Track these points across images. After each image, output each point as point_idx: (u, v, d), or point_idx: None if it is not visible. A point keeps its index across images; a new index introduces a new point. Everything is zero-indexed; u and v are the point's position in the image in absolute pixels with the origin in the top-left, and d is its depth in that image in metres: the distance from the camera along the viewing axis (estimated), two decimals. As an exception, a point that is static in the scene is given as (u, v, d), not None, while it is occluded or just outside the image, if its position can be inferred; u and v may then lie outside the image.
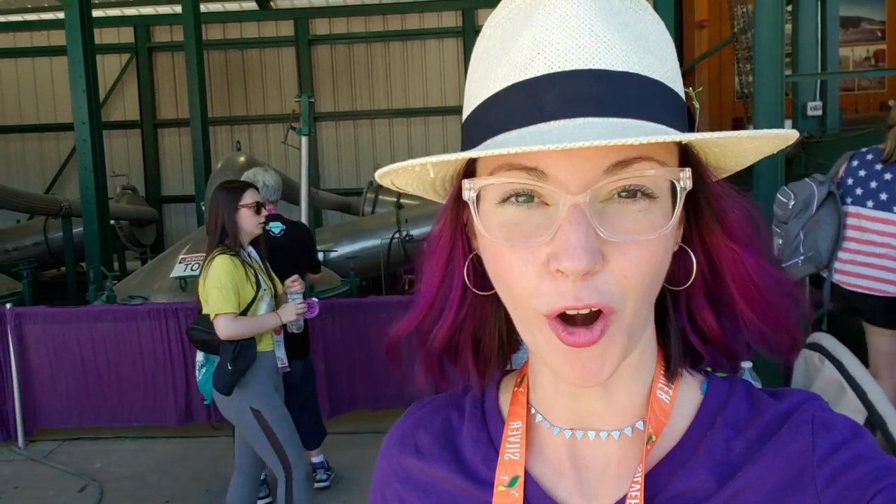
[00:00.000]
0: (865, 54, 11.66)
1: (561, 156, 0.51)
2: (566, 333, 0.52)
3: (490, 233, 0.54)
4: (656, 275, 0.54)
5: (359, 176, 12.99)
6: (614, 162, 0.51)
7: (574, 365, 0.53)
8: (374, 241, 8.00)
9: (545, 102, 0.51)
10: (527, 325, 0.56)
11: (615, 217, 0.52)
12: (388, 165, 0.57)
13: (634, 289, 0.53)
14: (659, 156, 0.53)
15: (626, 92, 0.51)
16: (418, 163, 0.55)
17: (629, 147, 0.50)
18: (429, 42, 13.37)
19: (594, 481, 0.61)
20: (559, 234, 0.50)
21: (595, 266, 0.50)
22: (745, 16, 9.14)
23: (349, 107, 13.48)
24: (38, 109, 13.65)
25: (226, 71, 13.54)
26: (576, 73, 0.50)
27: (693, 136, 0.50)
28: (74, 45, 6.72)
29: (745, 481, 0.56)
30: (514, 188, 0.53)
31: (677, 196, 0.53)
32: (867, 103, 11.17)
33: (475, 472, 0.65)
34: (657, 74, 0.53)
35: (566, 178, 0.51)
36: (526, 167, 0.52)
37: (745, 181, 4.64)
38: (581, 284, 0.50)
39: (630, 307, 0.53)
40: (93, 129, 6.80)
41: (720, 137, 0.51)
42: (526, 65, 0.52)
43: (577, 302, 0.51)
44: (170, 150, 13.70)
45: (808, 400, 0.61)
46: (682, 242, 0.60)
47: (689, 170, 0.53)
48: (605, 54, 0.51)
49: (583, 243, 0.49)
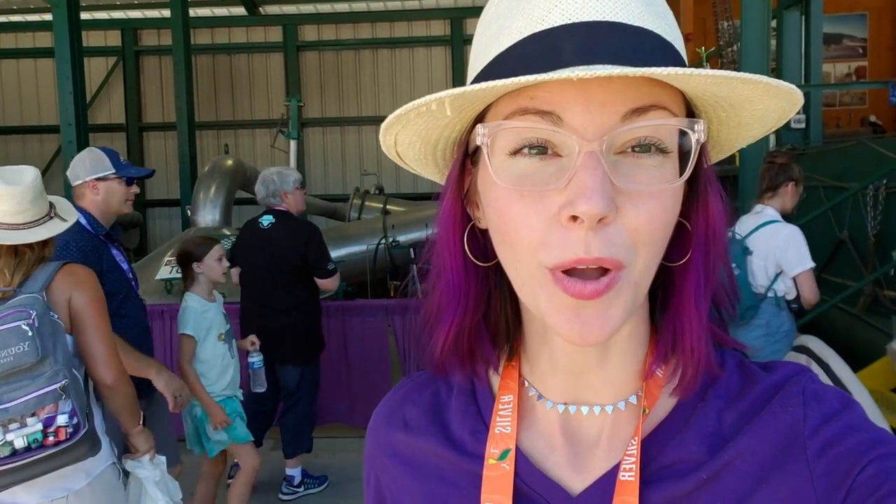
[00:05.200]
0: (847, 70, 11.85)
1: (577, 101, 0.50)
2: (570, 283, 0.51)
3: (502, 181, 0.53)
4: (664, 233, 0.54)
5: (345, 182, 12.96)
6: (630, 109, 0.51)
7: (574, 322, 0.52)
8: (360, 247, 7.97)
9: (563, 50, 0.50)
10: (529, 285, 0.55)
11: (629, 170, 0.52)
12: (394, 111, 0.54)
13: (644, 245, 0.52)
14: (672, 107, 0.53)
15: (642, 45, 0.51)
16: (435, 98, 0.52)
17: (644, 95, 0.51)
18: (417, 50, 13.40)
19: (585, 454, 0.61)
20: (574, 179, 0.50)
21: (609, 215, 0.49)
22: (730, 29, 9.26)
23: (337, 113, 13.46)
24: (22, 111, 13.51)
25: (213, 75, 13.49)
26: (593, 24, 0.50)
27: (710, 72, 0.49)
28: (62, 46, 6.68)
29: (736, 452, 0.57)
30: (528, 138, 0.52)
31: (690, 152, 0.53)
32: (848, 119, 11.35)
33: (462, 444, 0.65)
34: (669, 38, 0.54)
35: (582, 125, 0.51)
36: (541, 111, 0.51)
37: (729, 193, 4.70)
38: (592, 234, 0.50)
39: (639, 264, 0.53)
40: (79, 130, 6.75)
41: (740, 78, 0.50)
42: (543, 17, 0.52)
43: (586, 254, 0.50)
44: (155, 154, 13.60)
45: (798, 372, 0.61)
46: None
47: (703, 122, 0.53)
48: (622, 9, 0.51)
49: (599, 187, 0.49)
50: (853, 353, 4.00)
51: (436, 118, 0.56)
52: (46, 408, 1.89)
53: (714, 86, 0.52)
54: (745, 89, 0.52)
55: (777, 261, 3.53)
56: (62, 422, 1.90)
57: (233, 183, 7.58)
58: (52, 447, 1.89)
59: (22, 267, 2.08)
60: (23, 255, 2.09)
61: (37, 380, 1.89)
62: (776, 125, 0.58)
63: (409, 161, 0.64)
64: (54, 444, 1.89)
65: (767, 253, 3.54)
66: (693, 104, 0.57)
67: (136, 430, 2.27)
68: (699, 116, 0.57)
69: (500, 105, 0.54)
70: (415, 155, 0.63)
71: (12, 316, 1.90)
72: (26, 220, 2.10)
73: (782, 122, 0.57)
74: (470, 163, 0.61)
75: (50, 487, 2.01)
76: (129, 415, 2.24)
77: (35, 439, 1.88)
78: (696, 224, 0.59)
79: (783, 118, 0.57)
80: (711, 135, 0.60)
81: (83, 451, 1.96)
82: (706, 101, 0.56)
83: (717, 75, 0.49)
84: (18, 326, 1.88)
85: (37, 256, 2.13)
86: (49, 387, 1.90)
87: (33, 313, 1.92)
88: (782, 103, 0.54)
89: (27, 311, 1.92)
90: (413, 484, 0.66)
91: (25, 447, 1.86)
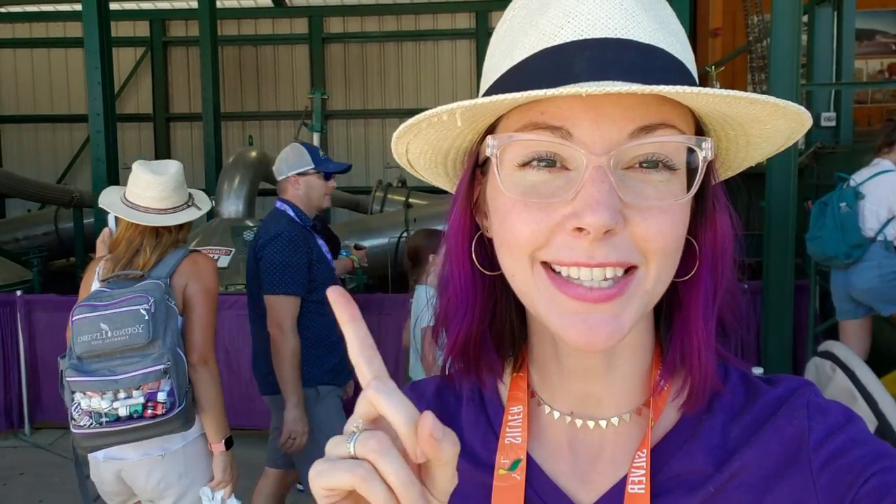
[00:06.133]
0: (879, 67, 11.61)
1: (587, 117, 0.51)
2: (570, 287, 0.52)
3: (509, 191, 0.54)
4: (675, 246, 0.54)
5: (368, 174, 12.99)
6: (639, 126, 0.51)
7: (581, 327, 0.52)
8: (381, 240, 8.00)
9: (574, 66, 0.51)
10: (526, 290, 0.56)
11: (636, 185, 0.52)
12: (407, 120, 0.56)
13: (654, 254, 0.53)
14: (680, 125, 0.53)
15: (652, 63, 0.51)
16: (446, 109, 0.53)
17: (653, 113, 0.51)
18: (442, 43, 13.37)
19: (591, 466, 0.62)
20: (582, 192, 0.50)
21: (616, 226, 0.50)
22: (761, 24, 9.11)
23: (360, 105, 13.48)
24: (53, 100, 13.71)
25: (239, 67, 13.57)
26: (605, 40, 0.51)
27: (724, 92, 0.49)
28: (91, 36, 6.75)
29: (741, 464, 0.57)
30: (537, 150, 0.53)
31: (697, 169, 0.53)
32: (880, 116, 11.11)
33: (475, 454, 0.65)
34: (680, 56, 0.54)
35: (591, 140, 0.51)
36: (551, 126, 0.52)
37: (757, 191, 4.63)
38: (597, 244, 0.50)
39: (652, 272, 0.53)
40: (107, 120, 6.83)
41: (747, 98, 0.50)
42: (555, 33, 0.52)
43: (588, 259, 0.51)
44: (181, 144, 13.73)
45: (802, 385, 0.61)
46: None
47: (710, 140, 0.53)
48: (633, 27, 0.51)
49: (606, 200, 0.49)
50: (880, 357, 3.94)
51: (447, 128, 0.57)
52: (150, 384, 2.16)
53: (722, 105, 0.52)
54: (753, 109, 0.52)
55: (889, 206, 3.96)
56: (161, 398, 2.17)
57: (256, 174, 7.63)
58: (148, 419, 2.16)
59: (160, 247, 2.40)
60: (162, 236, 2.42)
61: (145, 359, 2.15)
62: (785, 144, 0.58)
63: (420, 170, 0.65)
64: (151, 417, 2.16)
65: (881, 199, 3.99)
66: (702, 122, 0.57)
67: (217, 448, 2.45)
68: (708, 134, 0.57)
69: (511, 118, 0.55)
70: (426, 164, 0.64)
71: (135, 300, 2.17)
72: (167, 207, 2.43)
73: (791, 142, 0.58)
74: (480, 173, 0.62)
75: (150, 446, 2.32)
76: (212, 417, 2.42)
77: (135, 410, 2.15)
78: (704, 241, 0.59)
79: (792, 138, 0.57)
80: (720, 153, 0.61)
81: (176, 426, 2.24)
82: (714, 119, 0.56)
83: (723, 95, 0.49)
84: (137, 310, 2.15)
85: (173, 239, 2.45)
86: (154, 367, 2.15)
87: (152, 300, 2.18)
88: (791, 123, 0.54)
89: (147, 296, 2.18)
90: None
91: (127, 416, 2.14)
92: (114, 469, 2.38)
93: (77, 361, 2.15)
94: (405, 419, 0.42)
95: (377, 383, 0.43)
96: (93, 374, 2.13)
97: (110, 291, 2.24)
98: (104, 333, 2.12)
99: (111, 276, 2.34)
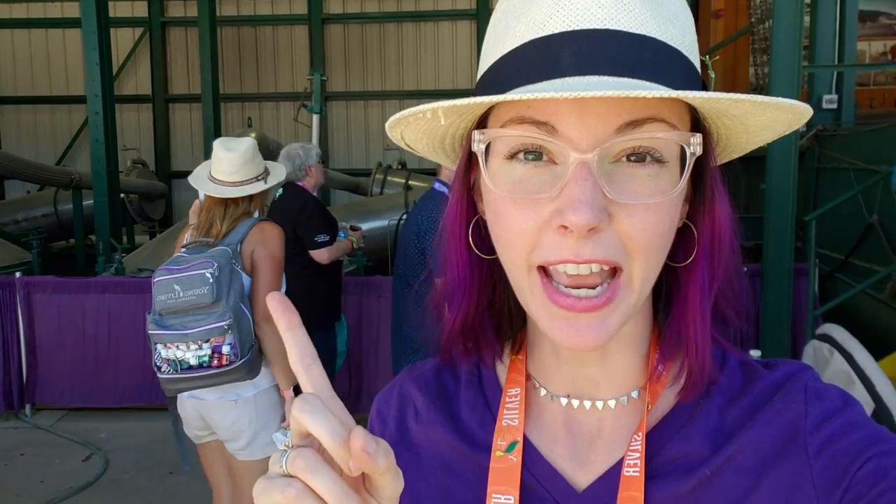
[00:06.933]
0: (883, 49, 11.53)
1: (573, 112, 0.51)
2: (561, 297, 0.53)
3: (496, 187, 0.54)
4: (662, 242, 0.54)
5: (368, 156, 12.95)
6: (626, 121, 0.51)
7: (569, 331, 0.54)
8: (381, 222, 7.99)
9: (560, 59, 0.51)
10: (520, 289, 0.57)
11: (623, 179, 0.52)
12: (398, 113, 0.56)
13: (640, 252, 0.53)
14: (671, 119, 0.52)
15: (641, 54, 0.51)
16: (429, 108, 0.54)
17: (641, 107, 0.51)
18: (442, 24, 13.27)
19: (586, 448, 0.62)
20: (565, 189, 0.51)
21: (600, 224, 0.50)
22: (763, 6, 9.04)
23: (360, 87, 13.41)
24: (51, 81, 13.64)
25: (238, 48, 13.48)
26: (592, 32, 0.51)
27: (704, 95, 0.49)
28: (88, 17, 6.70)
29: (737, 447, 0.58)
30: (524, 143, 0.53)
31: (686, 162, 0.53)
32: (882, 99, 11.05)
33: (472, 435, 0.66)
34: (674, 42, 0.53)
35: (576, 136, 0.51)
36: (537, 121, 0.52)
37: (757, 174, 4.62)
38: (583, 241, 0.51)
39: (637, 271, 0.53)
40: (105, 101, 6.79)
41: (731, 98, 0.50)
42: (544, 22, 0.52)
43: (575, 257, 0.51)
44: (180, 126, 13.68)
45: (800, 370, 0.62)
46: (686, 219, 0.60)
47: (699, 135, 0.53)
48: (623, 16, 0.51)
49: (588, 199, 0.49)
50: (879, 340, 3.95)
51: (434, 122, 0.58)
52: (216, 338, 2.45)
53: (709, 100, 0.51)
54: (741, 105, 0.52)
55: None
56: (225, 350, 2.46)
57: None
58: (215, 368, 2.46)
59: (228, 218, 2.67)
60: (229, 207, 2.69)
61: (210, 316, 2.44)
62: (786, 131, 0.58)
63: (420, 152, 0.66)
64: (217, 367, 2.46)
65: None
66: (698, 111, 0.57)
67: (287, 394, 2.70)
68: (705, 123, 0.57)
69: (500, 110, 0.55)
70: (423, 148, 0.65)
71: (203, 264, 2.45)
72: (235, 180, 2.68)
73: (792, 129, 0.57)
74: (475, 158, 0.61)
75: (225, 391, 2.61)
76: (279, 368, 2.66)
77: (203, 361, 2.46)
78: (702, 227, 0.59)
79: (792, 126, 0.56)
80: (720, 138, 0.60)
81: (241, 375, 2.51)
82: (709, 110, 0.56)
83: (704, 97, 0.49)
84: (203, 274, 2.43)
85: (242, 210, 2.71)
86: (218, 323, 2.44)
87: (216, 264, 2.45)
88: (788, 115, 0.54)
89: (213, 261, 2.45)
90: (419, 476, 0.66)
91: (198, 365, 2.45)
92: (195, 407, 2.68)
93: (157, 317, 2.47)
94: (329, 435, 0.42)
95: (300, 402, 0.43)
96: (169, 328, 2.44)
97: (187, 256, 2.53)
98: (177, 293, 2.42)
99: (191, 243, 2.64)
